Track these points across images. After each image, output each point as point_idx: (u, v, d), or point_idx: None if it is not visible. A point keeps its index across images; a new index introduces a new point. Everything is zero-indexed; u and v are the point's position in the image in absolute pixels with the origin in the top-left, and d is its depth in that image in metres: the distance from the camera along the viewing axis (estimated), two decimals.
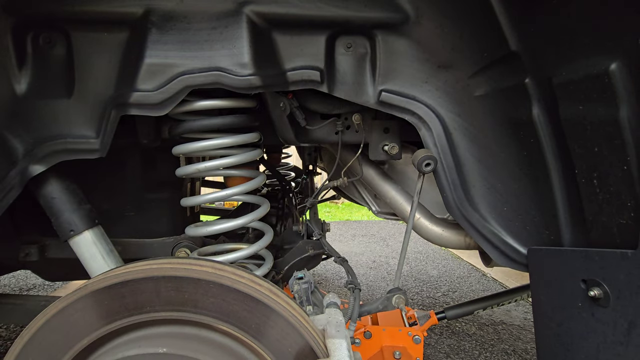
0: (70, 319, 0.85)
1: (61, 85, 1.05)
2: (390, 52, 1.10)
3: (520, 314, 3.22)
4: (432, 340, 2.81)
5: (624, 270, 0.81)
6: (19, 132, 1.04)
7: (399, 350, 1.52)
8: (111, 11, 1.00)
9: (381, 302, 1.20)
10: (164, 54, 1.03)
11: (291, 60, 1.09)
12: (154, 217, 1.57)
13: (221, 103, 1.22)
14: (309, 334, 0.83)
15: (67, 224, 1.13)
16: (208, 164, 1.26)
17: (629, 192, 0.80)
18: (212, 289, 0.84)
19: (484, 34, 1.03)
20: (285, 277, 1.59)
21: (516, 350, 2.69)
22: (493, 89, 1.07)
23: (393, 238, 5.67)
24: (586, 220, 0.92)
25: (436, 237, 1.41)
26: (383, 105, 1.13)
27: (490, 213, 1.14)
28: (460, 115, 1.12)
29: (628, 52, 0.75)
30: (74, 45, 1.04)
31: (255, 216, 1.34)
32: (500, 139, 1.10)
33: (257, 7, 1.03)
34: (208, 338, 0.88)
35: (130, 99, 1.03)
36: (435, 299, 3.55)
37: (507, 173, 1.11)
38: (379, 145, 1.38)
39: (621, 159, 0.79)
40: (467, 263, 4.56)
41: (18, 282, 3.75)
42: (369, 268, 4.39)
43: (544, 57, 0.92)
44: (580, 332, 0.92)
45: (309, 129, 1.37)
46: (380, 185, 1.47)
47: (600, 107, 0.80)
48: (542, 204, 1.05)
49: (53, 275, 1.88)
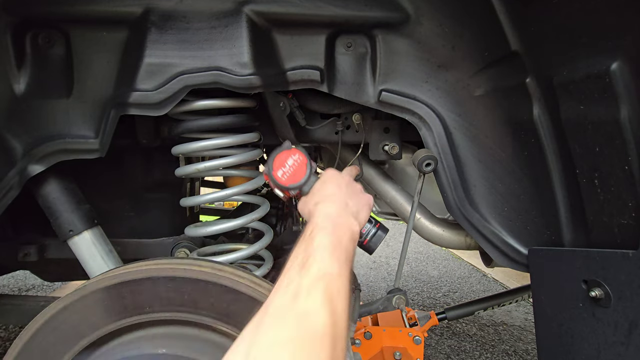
0: (69, 319, 0.84)
1: (60, 85, 1.05)
2: (390, 52, 1.10)
3: (521, 315, 3.22)
4: (433, 341, 2.80)
5: (625, 271, 0.80)
6: (17, 132, 1.04)
7: (399, 351, 1.52)
8: (110, 11, 1.00)
9: (381, 303, 1.20)
10: (164, 54, 1.03)
11: (291, 60, 1.09)
12: (154, 217, 1.57)
13: (221, 103, 1.21)
14: None
15: (67, 224, 1.13)
16: (207, 164, 1.26)
17: (630, 192, 0.80)
18: (212, 289, 0.84)
19: (484, 34, 1.03)
20: None
21: (517, 350, 2.68)
22: (494, 89, 1.07)
23: (393, 238, 5.67)
24: (587, 221, 0.92)
25: (437, 237, 1.41)
26: (383, 105, 1.13)
27: (490, 213, 1.14)
28: (461, 115, 1.12)
29: (629, 52, 0.75)
30: (73, 45, 1.04)
31: (255, 216, 1.34)
32: (501, 139, 1.09)
33: (257, 7, 1.02)
34: (208, 339, 0.88)
35: (130, 98, 1.03)
36: (436, 299, 3.55)
37: (508, 173, 1.10)
38: (379, 145, 1.38)
39: (622, 159, 0.79)
40: (468, 263, 4.55)
41: (17, 283, 3.75)
42: (369, 268, 4.38)
43: (545, 56, 0.92)
44: (581, 332, 0.92)
45: (309, 128, 1.37)
46: (381, 185, 1.47)
47: (601, 106, 0.80)
48: (542, 204, 1.05)
49: (52, 276, 1.88)
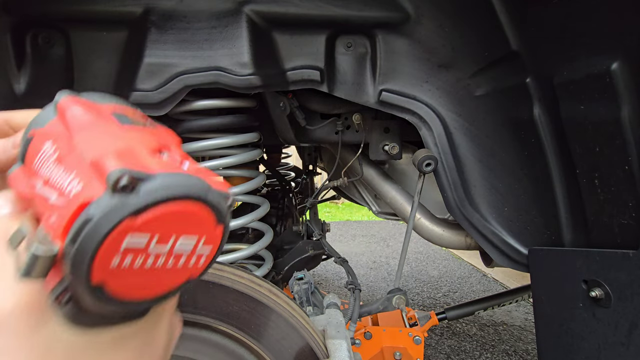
0: None
1: (60, 85, 1.05)
2: (390, 52, 1.10)
3: (521, 315, 3.22)
4: (433, 341, 2.80)
5: (626, 271, 0.80)
6: None
7: (399, 351, 1.52)
8: (110, 10, 1.00)
9: (381, 303, 1.20)
10: (163, 54, 1.03)
11: (291, 60, 1.09)
12: None
13: (221, 103, 1.21)
14: (309, 335, 0.82)
15: None
16: (207, 164, 1.26)
17: (630, 192, 0.79)
18: (212, 289, 0.84)
19: (484, 34, 1.03)
20: (285, 277, 1.59)
21: (517, 351, 2.68)
22: (494, 89, 1.07)
23: (393, 238, 5.66)
24: (587, 221, 0.92)
25: (437, 237, 1.41)
26: (383, 105, 1.13)
27: (491, 213, 1.14)
28: (461, 115, 1.12)
29: (629, 52, 0.74)
30: (73, 45, 1.04)
31: (255, 216, 1.34)
32: (501, 139, 1.09)
33: (257, 7, 1.02)
34: (207, 339, 0.88)
35: (130, 98, 1.03)
36: (436, 299, 3.55)
37: (508, 173, 1.10)
38: (379, 145, 1.37)
39: (622, 158, 0.79)
40: (468, 263, 4.55)
41: None
42: (369, 268, 4.38)
43: (545, 56, 0.92)
44: (581, 332, 0.92)
45: (309, 128, 1.37)
46: (381, 185, 1.47)
47: (601, 106, 0.80)
48: (543, 204, 1.05)
49: None
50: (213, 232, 0.32)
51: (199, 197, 0.30)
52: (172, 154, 0.34)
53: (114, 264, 0.27)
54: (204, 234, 0.31)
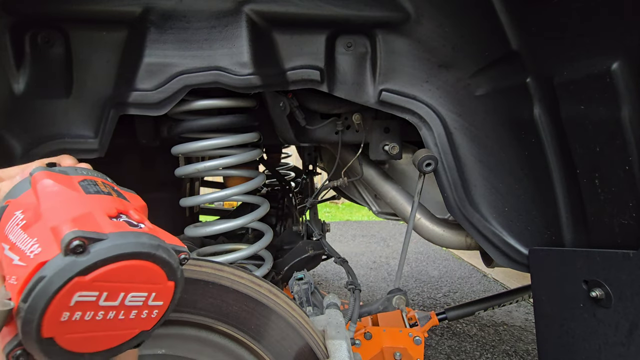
0: None
1: (60, 85, 1.05)
2: (390, 52, 1.10)
3: (521, 315, 3.21)
4: (433, 341, 2.80)
5: (626, 271, 0.80)
6: (17, 131, 1.04)
7: (399, 351, 1.51)
8: (110, 10, 1.00)
9: (381, 303, 1.20)
10: (163, 53, 1.02)
11: (291, 60, 1.09)
12: (153, 217, 1.56)
13: (220, 103, 1.21)
14: (309, 335, 0.82)
15: None
16: (207, 164, 1.26)
17: (631, 192, 0.79)
18: (212, 289, 0.84)
19: (484, 33, 1.03)
20: (285, 277, 1.59)
21: (517, 351, 2.68)
22: (494, 89, 1.07)
23: (393, 238, 5.66)
24: (587, 221, 0.92)
25: (437, 237, 1.41)
26: (383, 104, 1.12)
27: (491, 213, 1.14)
28: (461, 115, 1.12)
29: (629, 52, 0.74)
30: (72, 45, 1.04)
31: (255, 216, 1.34)
32: (502, 139, 1.09)
33: (256, 6, 1.02)
34: (207, 339, 0.88)
35: (129, 98, 1.02)
36: (436, 299, 3.54)
37: (508, 173, 1.10)
38: (380, 145, 1.37)
39: (623, 158, 0.79)
40: (468, 264, 4.55)
41: None
42: (369, 269, 4.38)
43: (545, 56, 0.92)
44: (582, 333, 0.92)
45: (309, 128, 1.37)
46: (381, 185, 1.46)
47: (601, 106, 0.80)
48: (543, 204, 1.04)
49: None
50: (164, 287, 0.35)
51: (148, 255, 0.33)
52: (130, 216, 0.39)
53: (64, 318, 0.30)
54: (154, 290, 0.34)
